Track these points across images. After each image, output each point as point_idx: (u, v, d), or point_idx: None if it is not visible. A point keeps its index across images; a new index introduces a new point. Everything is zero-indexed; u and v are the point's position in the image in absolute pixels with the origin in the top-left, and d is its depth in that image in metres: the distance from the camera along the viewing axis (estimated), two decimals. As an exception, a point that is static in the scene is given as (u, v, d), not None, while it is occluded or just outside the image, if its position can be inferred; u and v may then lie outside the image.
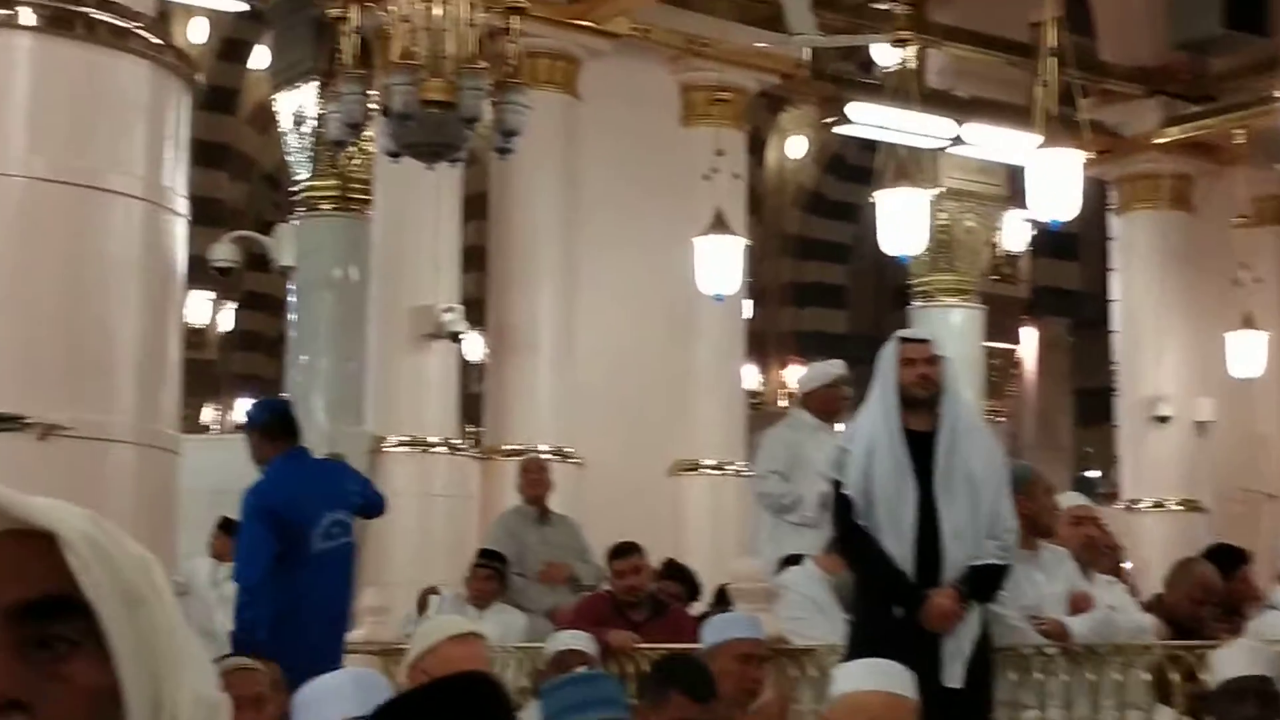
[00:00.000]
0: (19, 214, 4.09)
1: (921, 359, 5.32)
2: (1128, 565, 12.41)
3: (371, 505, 7.09)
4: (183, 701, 1.19)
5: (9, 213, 4.08)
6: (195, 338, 23.71)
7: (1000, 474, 5.33)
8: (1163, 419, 14.20)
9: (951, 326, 13.70)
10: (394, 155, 7.75)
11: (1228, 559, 7.57)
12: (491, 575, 8.32)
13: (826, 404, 7.72)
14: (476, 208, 12.28)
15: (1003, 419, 19.24)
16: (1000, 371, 17.79)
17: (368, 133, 9.33)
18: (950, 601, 5.11)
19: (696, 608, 8.31)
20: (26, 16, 4.12)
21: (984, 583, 5.21)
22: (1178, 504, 14.14)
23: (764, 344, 20.63)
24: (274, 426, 6.56)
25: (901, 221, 11.67)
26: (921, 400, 5.28)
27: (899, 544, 5.18)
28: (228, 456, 7.43)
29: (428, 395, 10.74)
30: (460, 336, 10.88)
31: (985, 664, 5.24)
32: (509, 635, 7.78)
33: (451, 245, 11.10)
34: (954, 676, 5.07)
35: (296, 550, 6.26)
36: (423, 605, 8.97)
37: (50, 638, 1.16)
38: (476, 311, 12.04)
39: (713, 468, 12.42)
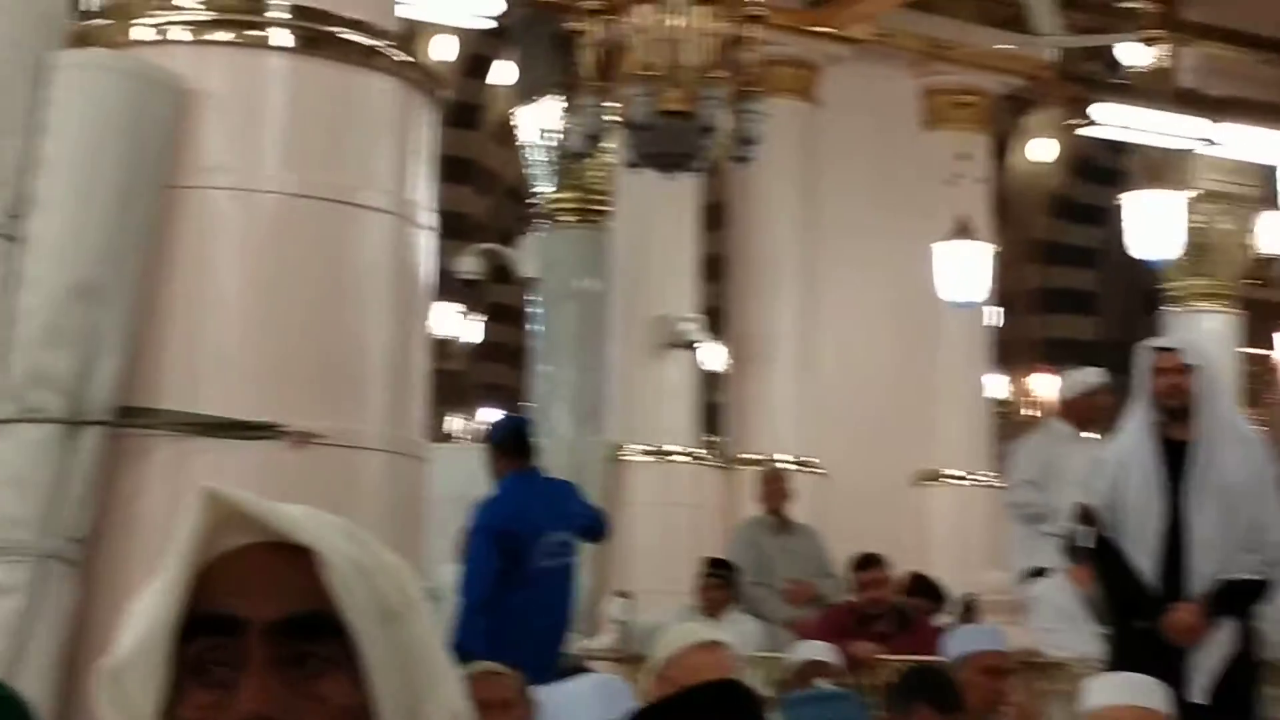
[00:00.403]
0: (274, 229, 4.21)
1: (1172, 368, 5.18)
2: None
3: (595, 528, 7.19)
4: (435, 716, 1.19)
5: (265, 228, 4.21)
6: (442, 349, 24.26)
7: (1266, 486, 5.13)
8: None
9: (1205, 332, 13.22)
10: (634, 166, 7.81)
11: None
12: (720, 584, 8.31)
13: (1084, 413, 7.55)
14: (716, 217, 12.29)
15: (1263, 427, 18.58)
16: (1258, 379, 17.18)
17: (608, 145, 9.42)
18: (1191, 616, 4.95)
19: (941, 619, 8.18)
20: (280, 38, 4.24)
21: (1238, 598, 5.02)
22: None
23: (1011, 351, 20.24)
24: (509, 445, 6.95)
25: (1152, 224, 11.35)
26: (1178, 409, 5.12)
27: (1144, 555, 5.04)
28: (473, 465, 7.59)
29: (668, 404, 10.79)
30: (699, 346, 10.90)
31: (1244, 681, 5.05)
32: (745, 643, 7.76)
33: (691, 255, 11.13)
34: (1199, 692, 4.90)
35: (519, 567, 6.50)
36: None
37: (305, 655, 1.16)
38: (716, 321, 12.06)
39: (957, 477, 12.23)
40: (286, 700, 1.14)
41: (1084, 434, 7.55)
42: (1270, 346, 19.57)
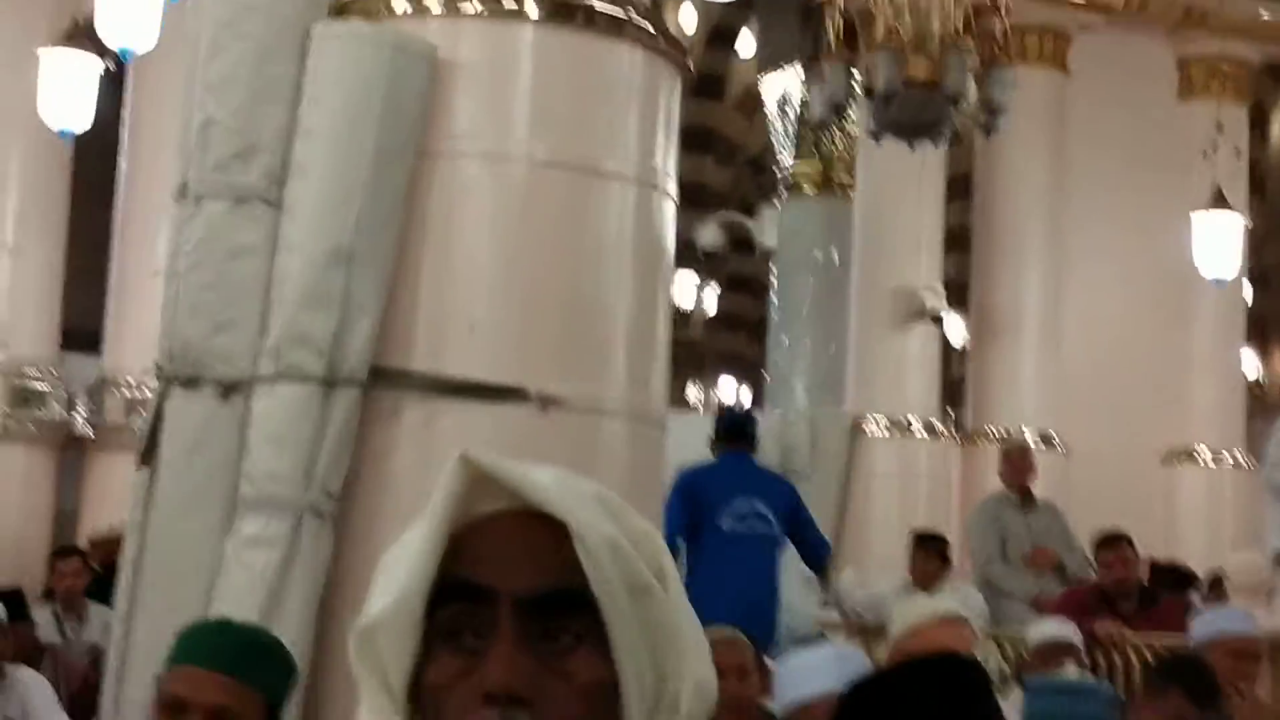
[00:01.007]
0: (521, 196, 4.28)
1: None
2: None
3: (812, 543, 7.36)
4: (685, 691, 1.18)
5: (512, 196, 4.28)
6: (681, 318, 24.41)
7: None
8: None
9: None
10: (876, 136, 7.75)
11: None
12: (932, 556, 8.22)
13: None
14: (960, 188, 12.13)
15: None
16: None
17: (851, 114, 9.36)
18: None
19: (1188, 601, 7.97)
20: (530, 9, 4.31)
21: None
22: None
23: (1265, 328, 19.58)
24: (723, 431, 7.48)
25: None
26: None
27: None
28: (702, 435, 7.70)
29: (908, 377, 10.69)
30: (942, 318, 10.77)
31: None
32: (971, 614, 7.67)
33: (934, 226, 11.01)
34: None
35: (705, 525, 6.87)
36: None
37: (555, 630, 1.16)
38: (958, 293, 11.90)
39: (1208, 456, 11.89)
40: (534, 675, 1.14)
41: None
42: None
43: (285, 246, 4.07)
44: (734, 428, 7.60)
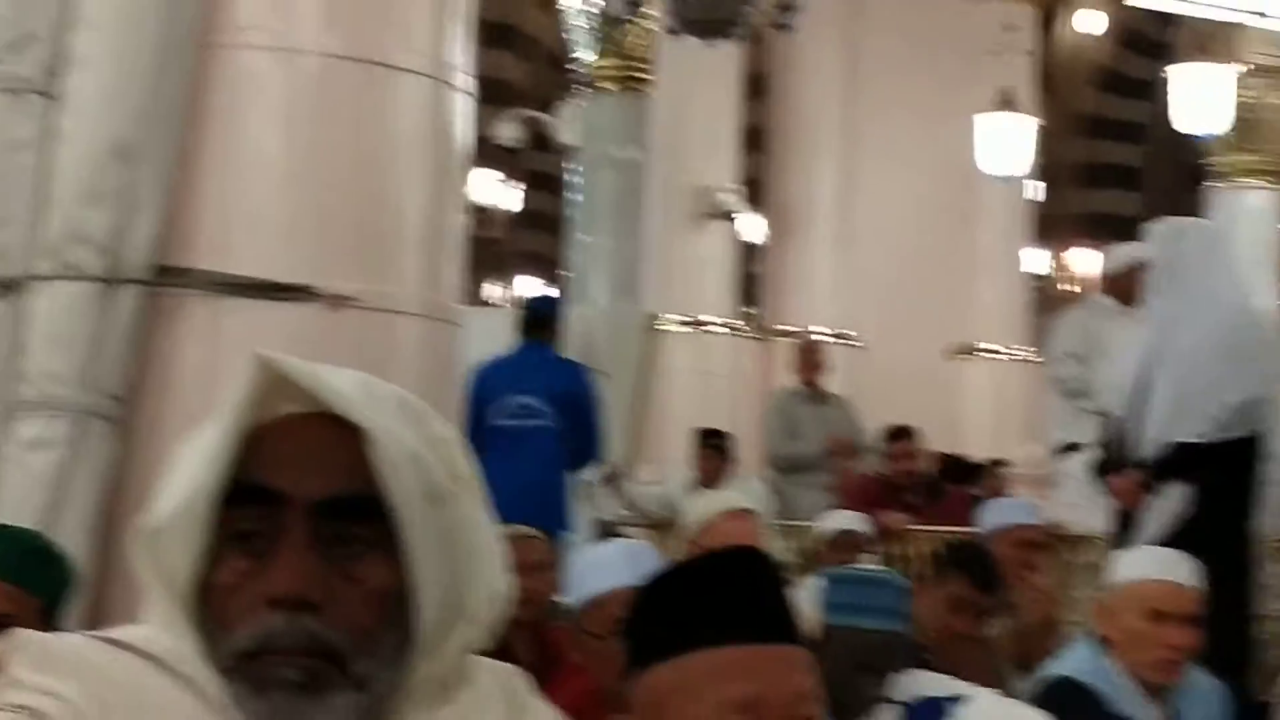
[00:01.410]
0: (311, 90, 4.19)
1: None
2: None
3: (582, 438, 7.32)
4: (477, 598, 1.18)
5: (301, 89, 4.19)
6: (480, 216, 24.23)
7: (1230, 351, 5.01)
8: None
9: (1248, 209, 13.11)
10: (675, 32, 7.74)
11: None
12: (714, 453, 8.35)
13: (1127, 288, 7.46)
14: (757, 87, 12.19)
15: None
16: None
17: (649, 10, 9.32)
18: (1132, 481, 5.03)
19: (973, 492, 8.21)
20: (318, -103, 4.19)
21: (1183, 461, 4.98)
22: None
23: (1054, 226, 20.10)
24: (525, 320, 7.48)
25: (1199, 99, 11.19)
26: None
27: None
28: (508, 331, 7.67)
29: (705, 275, 10.78)
30: (738, 217, 10.86)
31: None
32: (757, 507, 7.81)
33: (731, 125, 11.05)
34: None
35: (484, 422, 6.83)
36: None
37: (346, 536, 1.15)
38: (756, 192, 12.00)
39: (993, 352, 12.21)
40: (322, 580, 1.13)
41: (1126, 309, 7.50)
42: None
43: (62, 140, 3.93)
44: (530, 317, 7.58)
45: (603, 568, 3.07)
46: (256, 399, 1.17)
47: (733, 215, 10.74)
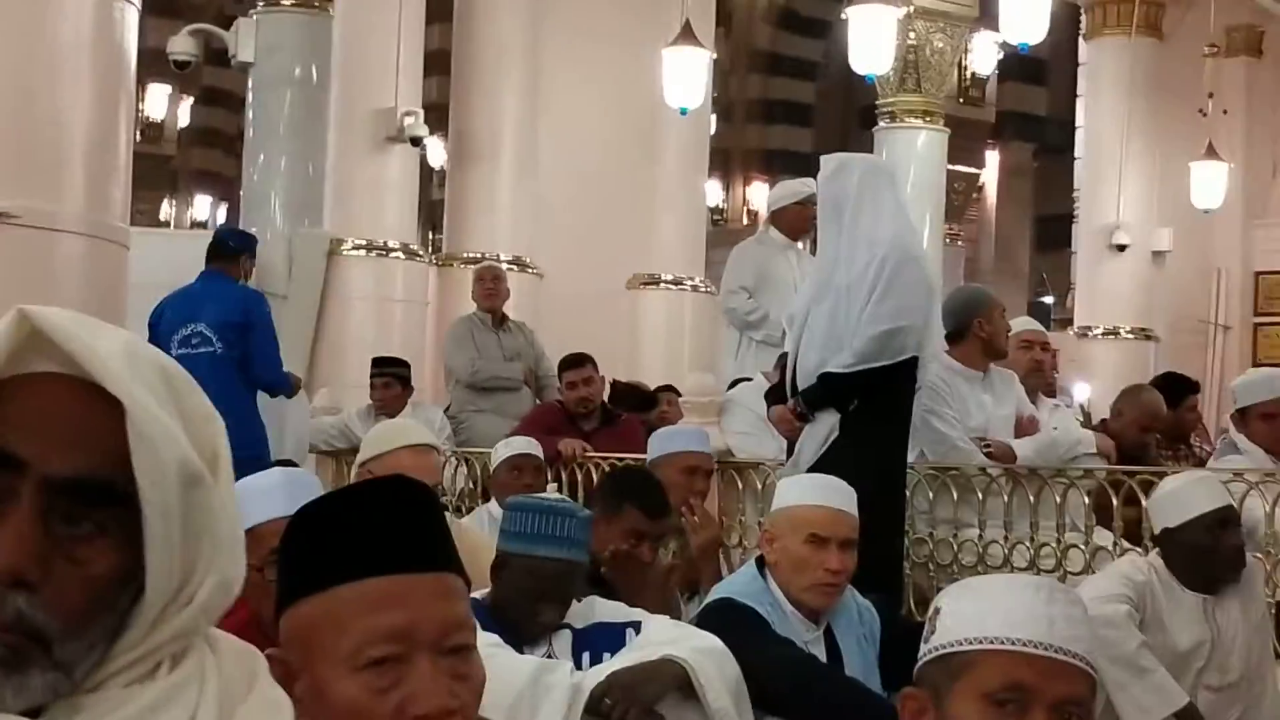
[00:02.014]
0: (-34, -3, 3.99)
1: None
2: (1084, 390, 12.55)
3: (257, 362, 7.33)
4: (206, 586, 1.14)
5: (-45, -5, 3.99)
6: (153, 132, 23.44)
7: (873, 286, 5.23)
8: (1120, 247, 14.24)
9: (916, 148, 13.63)
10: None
11: (1176, 388, 7.65)
12: (392, 381, 8.33)
13: (797, 222, 7.68)
14: (441, 11, 12.07)
15: (962, 243, 19.28)
16: (963, 195, 17.75)
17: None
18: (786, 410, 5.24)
19: (647, 419, 8.35)
20: None
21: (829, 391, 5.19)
22: (1130, 332, 14.25)
23: (730, 160, 20.51)
24: (210, 249, 7.63)
25: (871, 39, 11.53)
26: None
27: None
28: (181, 252, 7.52)
29: (386, 200, 10.65)
30: (421, 141, 10.76)
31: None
32: (435, 437, 7.83)
33: (414, 48, 10.91)
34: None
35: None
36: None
37: (79, 515, 1.09)
38: (439, 117, 11.90)
39: (671, 283, 12.44)
40: (43, 559, 1.08)
41: (794, 242, 7.72)
42: (977, 164, 20.25)
43: None
44: (213, 246, 7.73)
45: (259, 497, 3.01)
46: (11, 353, 1.10)
47: (415, 140, 10.63)
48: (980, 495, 5.56)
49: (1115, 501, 5.34)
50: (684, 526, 5.23)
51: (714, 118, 14.54)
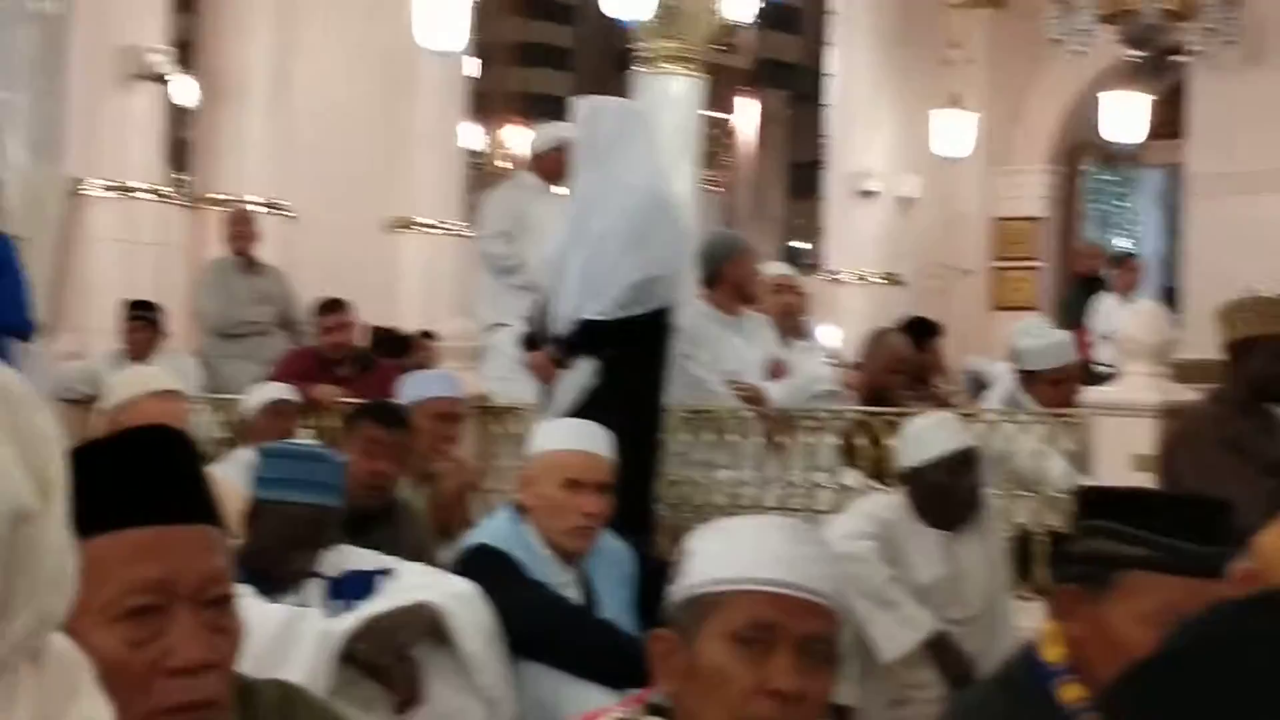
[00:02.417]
0: None
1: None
2: (833, 334, 12.85)
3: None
4: (21, 622, 1.05)
5: None
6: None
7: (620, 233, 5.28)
8: (868, 193, 14.57)
9: (671, 95, 13.70)
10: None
11: (921, 331, 7.88)
12: (144, 325, 8.16)
13: (553, 167, 7.67)
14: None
15: (717, 189, 19.53)
16: (717, 142, 17.98)
17: None
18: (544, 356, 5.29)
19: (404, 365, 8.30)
20: None
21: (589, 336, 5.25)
22: (878, 277, 14.61)
23: (488, 103, 20.38)
24: None
25: (626, -16, 11.56)
26: None
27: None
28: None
29: (132, 139, 10.35)
30: (168, 79, 10.47)
31: None
32: (185, 383, 7.69)
33: (161, -18, 10.61)
34: None
35: None
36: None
37: None
38: (187, 54, 11.58)
39: (428, 226, 12.35)
40: None
41: (553, 188, 7.72)
42: (730, 110, 20.51)
43: None
44: None
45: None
46: None
47: (162, 77, 10.34)
48: (736, 437, 5.68)
49: (863, 442, 5.50)
50: (436, 471, 5.22)
51: (474, 60, 14.44)
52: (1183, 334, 6.02)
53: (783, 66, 20.70)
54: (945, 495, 4.44)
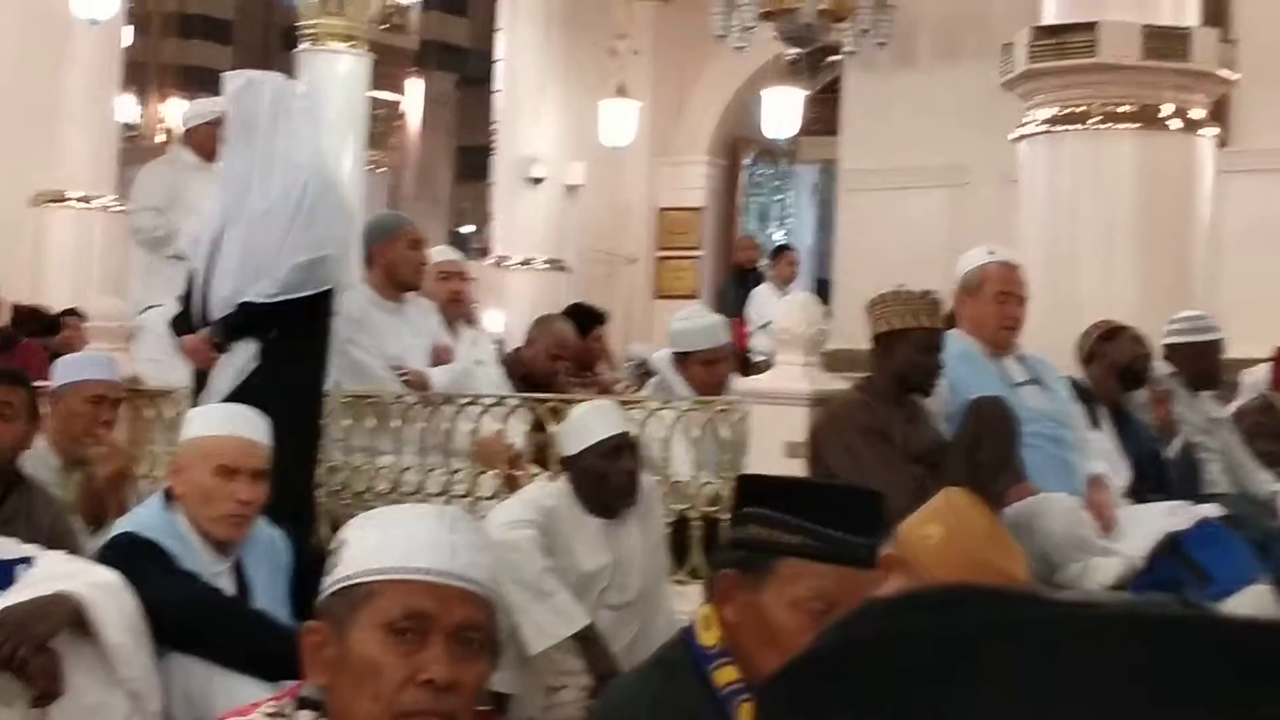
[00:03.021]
0: None
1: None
2: (499, 320, 12.87)
3: None
4: None
5: None
6: None
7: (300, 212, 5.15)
8: (536, 180, 14.63)
9: (337, 74, 13.51)
10: None
11: (585, 318, 7.95)
12: None
13: (207, 142, 7.46)
14: None
15: (383, 170, 19.34)
16: (384, 123, 17.79)
17: None
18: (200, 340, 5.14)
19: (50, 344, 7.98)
20: None
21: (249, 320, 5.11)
22: (544, 263, 14.68)
23: (144, 75, 19.73)
24: None
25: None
26: None
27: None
28: None
29: None
30: None
31: None
32: None
33: None
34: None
35: None
36: None
37: None
38: None
39: (79, 200, 11.86)
40: None
41: (206, 164, 7.52)
42: (399, 92, 20.33)
43: None
44: None
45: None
46: None
47: None
48: (399, 423, 5.62)
49: (524, 427, 5.51)
50: (89, 457, 5.03)
51: (130, 30, 13.93)
52: (834, 325, 6.20)
53: (451, 49, 20.62)
54: (600, 481, 4.49)
